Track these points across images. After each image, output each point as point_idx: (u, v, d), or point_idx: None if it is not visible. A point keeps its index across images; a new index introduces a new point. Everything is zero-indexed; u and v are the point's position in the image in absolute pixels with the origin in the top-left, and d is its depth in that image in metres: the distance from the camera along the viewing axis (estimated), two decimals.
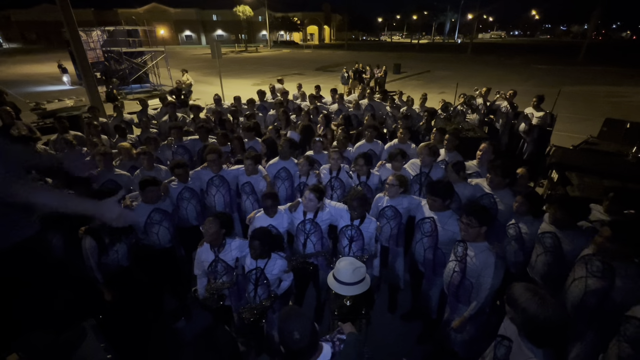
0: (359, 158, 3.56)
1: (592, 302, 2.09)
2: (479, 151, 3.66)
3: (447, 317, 2.61)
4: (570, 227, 2.46)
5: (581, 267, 2.17)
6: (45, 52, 35.98)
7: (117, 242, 2.84)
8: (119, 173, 3.80)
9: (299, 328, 1.43)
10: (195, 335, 3.30)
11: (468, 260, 2.34)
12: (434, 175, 3.63)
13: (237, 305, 2.75)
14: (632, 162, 4.69)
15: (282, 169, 3.83)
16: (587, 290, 2.10)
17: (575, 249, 2.34)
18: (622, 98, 13.63)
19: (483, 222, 2.27)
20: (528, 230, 2.69)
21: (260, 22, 59.01)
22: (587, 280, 2.11)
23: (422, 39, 69.06)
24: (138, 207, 3.14)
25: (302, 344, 1.43)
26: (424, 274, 3.01)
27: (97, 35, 15.80)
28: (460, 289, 2.41)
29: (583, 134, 6.55)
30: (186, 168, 3.52)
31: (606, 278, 2.04)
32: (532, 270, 2.64)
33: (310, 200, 2.86)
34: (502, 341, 1.75)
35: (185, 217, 3.55)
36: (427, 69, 23.29)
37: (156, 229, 3.17)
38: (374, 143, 4.53)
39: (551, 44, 58.85)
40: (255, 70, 24.28)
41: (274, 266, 2.57)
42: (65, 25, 7.73)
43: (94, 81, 8.68)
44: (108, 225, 2.62)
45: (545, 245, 2.51)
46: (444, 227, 2.74)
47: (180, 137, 4.68)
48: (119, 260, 2.87)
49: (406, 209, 3.09)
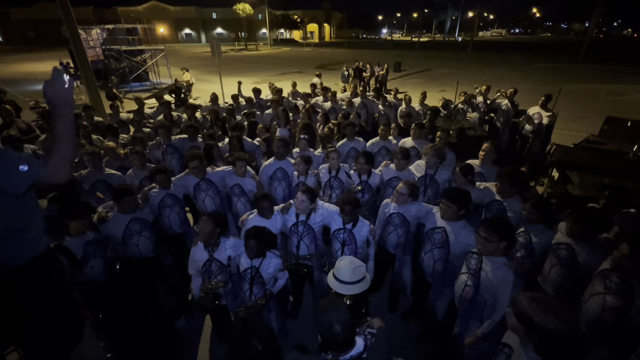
0: (360, 157, 3.52)
1: (609, 320, 1.99)
2: (482, 151, 3.55)
3: (458, 332, 2.47)
4: (588, 239, 2.33)
5: (599, 283, 2.06)
6: (45, 50, 35.90)
7: (91, 258, 2.59)
8: (109, 173, 3.70)
9: (340, 320, 1.45)
10: (194, 334, 3.32)
11: (483, 275, 2.19)
12: (439, 177, 3.55)
13: (233, 304, 2.74)
14: (633, 160, 4.68)
15: (278, 169, 3.78)
16: (605, 307, 2.00)
17: (592, 262, 2.24)
18: (623, 96, 13.58)
19: (503, 237, 2.11)
20: (539, 239, 2.58)
21: (260, 20, 58.81)
22: (606, 297, 2.01)
23: (422, 37, 68.86)
24: (114, 218, 2.93)
25: (342, 337, 1.46)
26: (431, 285, 2.87)
27: (96, 33, 15.77)
28: (472, 305, 2.27)
29: (584, 132, 6.53)
30: (168, 174, 3.35)
31: (625, 296, 1.93)
32: (545, 282, 2.52)
33: (302, 201, 2.83)
34: (503, 349, 1.70)
35: (169, 225, 3.38)
36: (427, 67, 23.23)
37: (136, 240, 2.97)
38: (356, 141, 4.50)
39: (552, 41, 58.62)
40: (255, 68, 24.21)
41: (269, 265, 2.57)
42: (64, 24, 7.70)
43: (94, 80, 8.65)
44: None
45: (560, 257, 2.39)
46: (457, 239, 2.58)
47: (169, 136, 4.59)
48: (94, 276, 2.62)
49: (415, 217, 2.95)
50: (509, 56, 30.32)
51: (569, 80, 16.40)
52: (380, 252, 3.15)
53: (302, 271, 3.02)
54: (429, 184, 3.56)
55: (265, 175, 3.83)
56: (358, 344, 1.56)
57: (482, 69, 21.92)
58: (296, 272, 3.05)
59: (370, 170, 3.60)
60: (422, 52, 36.79)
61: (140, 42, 18.27)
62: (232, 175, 3.63)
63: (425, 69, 22.70)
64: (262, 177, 3.83)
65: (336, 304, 1.55)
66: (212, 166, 3.80)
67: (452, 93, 8.72)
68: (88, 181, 3.55)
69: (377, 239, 3.10)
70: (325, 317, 1.48)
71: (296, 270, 2.99)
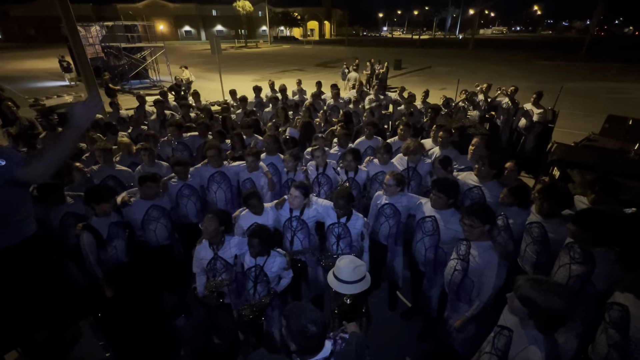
0: (347, 154, 3.56)
1: (576, 287, 2.18)
2: (472, 146, 3.70)
3: (447, 315, 2.60)
4: (556, 216, 2.52)
5: (565, 254, 2.27)
6: (44, 47, 35.80)
7: (114, 238, 2.83)
8: (119, 169, 3.78)
9: (314, 321, 1.44)
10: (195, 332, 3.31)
11: (471, 259, 2.31)
12: (420, 169, 3.70)
13: (237, 302, 2.73)
14: (634, 159, 4.66)
15: (269, 164, 3.84)
16: (571, 275, 2.20)
17: (560, 237, 2.41)
18: (625, 94, 13.54)
19: (486, 221, 2.25)
20: (515, 220, 2.77)
21: (260, 18, 58.62)
22: (571, 266, 2.20)
23: (423, 34, 68.66)
24: (136, 203, 3.13)
25: (318, 338, 1.45)
26: (424, 274, 2.98)
27: (95, 30, 15.71)
28: (461, 288, 2.40)
29: (585, 131, 6.50)
30: (186, 166, 3.50)
31: (587, 263, 2.13)
32: (522, 260, 2.71)
33: (296, 197, 2.84)
34: (502, 331, 1.75)
35: (185, 214, 3.55)
36: (428, 65, 23.16)
37: (154, 226, 3.16)
38: (374, 139, 4.52)
39: (553, 39, 58.45)
40: (255, 66, 24.15)
41: (274, 263, 2.56)
42: (63, 21, 7.65)
43: (93, 77, 8.60)
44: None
45: (533, 235, 2.58)
46: (447, 226, 2.72)
47: (180, 134, 4.65)
48: (117, 256, 2.88)
49: (405, 207, 3.06)
50: (510, 54, 30.24)
51: (570, 79, 16.36)
52: (372, 243, 3.19)
53: (296, 267, 3.02)
54: (412, 175, 3.70)
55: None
56: (325, 348, 1.54)
57: (483, 67, 21.86)
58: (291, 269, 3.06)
59: (357, 167, 3.64)
60: (422, 49, 36.68)
61: (140, 39, 18.17)
62: (245, 170, 3.69)
63: (426, 66, 22.63)
64: None
65: (308, 307, 1.53)
66: (230, 160, 3.87)
67: (453, 91, 8.68)
68: (99, 176, 3.61)
69: (369, 231, 3.13)
70: (297, 321, 1.44)
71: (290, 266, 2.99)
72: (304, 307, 1.52)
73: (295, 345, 1.47)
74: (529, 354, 1.54)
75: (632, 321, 1.76)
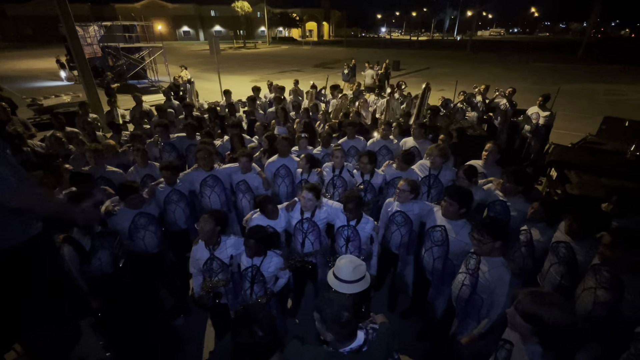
0: (363, 156, 3.52)
1: (601, 314, 2.01)
2: (485, 151, 3.54)
3: (456, 331, 2.48)
4: (586, 238, 2.32)
5: (590, 277, 2.09)
6: (42, 47, 35.64)
7: (98, 250, 2.65)
8: (111, 170, 3.71)
9: (346, 307, 1.49)
10: (194, 332, 3.31)
11: (480, 274, 2.20)
12: (442, 177, 3.56)
13: (234, 303, 2.74)
14: (630, 160, 4.70)
15: (281, 166, 3.81)
16: (596, 301, 2.02)
17: (589, 260, 2.23)
18: (621, 96, 13.64)
19: (497, 237, 2.12)
20: (541, 237, 2.59)
21: (258, 18, 58.57)
22: (597, 291, 2.03)
23: (421, 36, 68.82)
24: (121, 212, 2.95)
25: (352, 324, 1.50)
26: (431, 282, 2.88)
27: (94, 30, 15.64)
28: (469, 304, 2.29)
29: (582, 132, 6.55)
30: (174, 170, 3.35)
31: (615, 290, 1.95)
32: (543, 280, 2.51)
33: (309, 199, 2.84)
34: (505, 345, 1.72)
35: (174, 221, 3.40)
36: (426, 66, 23.22)
37: (142, 234, 2.99)
38: (356, 139, 4.51)
39: (550, 41, 58.72)
40: (253, 66, 24.13)
41: (270, 264, 2.57)
42: (61, 20, 7.64)
43: (91, 77, 8.59)
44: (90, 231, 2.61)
45: (559, 256, 2.39)
46: (457, 237, 2.60)
47: (167, 135, 4.57)
48: (102, 268, 2.68)
49: (417, 215, 2.96)
50: (507, 56, 30.35)
51: (567, 80, 16.43)
52: (383, 251, 3.16)
53: (306, 269, 3.02)
54: (433, 184, 3.56)
55: (268, 172, 3.86)
56: (359, 337, 1.58)
57: (481, 68, 21.94)
58: (300, 270, 3.05)
59: (374, 170, 3.59)
60: (421, 51, 36.77)
61: (138, 39, 18.13)
62: (238, 172, 3.65)
63: (424, 67, 22.69)
64: (266, 174, 3.86)
65: (337, 295, 1.59)
66: (219, 163, 3.82)
67: (451, 92, 8.72)
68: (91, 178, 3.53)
69: (380, 239, 3.09)
70: (330, 310, 1.50)
71: (301, 268, 2.99)
72: (334, 296, 1.57)
73: (331, 334, 1.52)
74: None
75: None
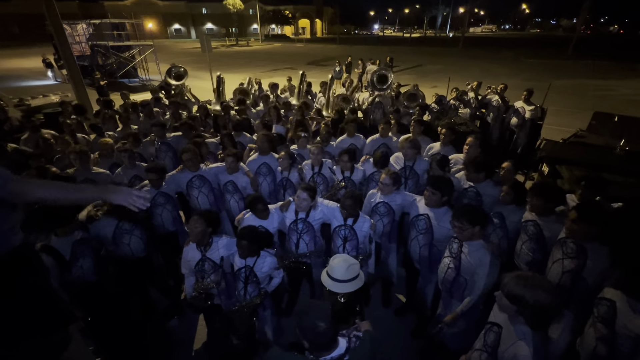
0: (343, 154, 3.54)
1: (569, 282, 2.20)
2: (466, 145, 3.69)
3: (440, 312, 2.62)
4: (549, 213, 2.54)
5: (558, 250, 2.29)
6: (29, 46, 34.94)
7: (79, 257, 2.52)
8: (96, 171, 3.63)
9: (323, 318, 1.47)
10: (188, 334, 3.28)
11: (462, 257, 2.33)
12: (417, 168, 3.67)
13: (228, 303, 2.71)
14: (619, 154, 4.77)
15: (262, 164, 3.78)
16: (564, 271, 2.22)
17: (554, 234, 2.43)
18: (611, 91, 13.83)
19: (475, 222, 2.24)
20: (511, 218, 2.78)
21: (251, 16, 58.05)
22: (564, 261, 2.23)
23: (414, 32, 68.97)
24: (104, 217, 2.84)
25: (328, 334, 1.48)
26: (419, 272, 2.99)
27: (82, 28, 15.39)
28: (454, 286, 2.42)
29: (573, 128, 6.62)
30: (160, 173, 3.28)
31: (580, 258, 2.15)
32: (518, 258, 2.72)
33: (303, 199, 2.81)
34: (492, 327, 1.78)
35: (161, 224, 3.36)
36: (419, 63, 23.26)
37: (127, 239, 2.91)
38: (356, 137, 4.51)
39: (541, 37, 59.30)
40: (246, 64, 23.93)
41: (264, 264, 2.55)
42: (48, 19, 7.48)
43: (80, 76, 8.43)
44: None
45: (528, 233, 2.60)
46: (440, 224, 2.73)
47: (163, 134, 4.52)
48: (84, 276, 2.54)
49: (399, 206, 3.07)
50: (499, 52, 30.57)
51: (558, 76, 16.61)
52: None
53: (300, 269, 3.00)
54: (409, 175, 3.68)
55: (250, 170, 3.80)
56: (340, 345, 1.56)
57: (473, 65, 22.05)
58: (295, 271, 3.03)
59: (353, 166, 3.63)
60: (414, 47, 36.84)
61: (128, 37, 17.87)
62: (225, 172, 3.60)
63: (417, 64, 22.73)
64: None
65: (315, 304, 1.58)
66: (206, 162, 3.76)
67: (444, 89, 8.74)
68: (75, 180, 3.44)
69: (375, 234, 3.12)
70: (307, 319, 1.49)
71: (295, 268, 2.97)
72: (312, 305, 1.56)
73: (307, 343, 1.51)
74: (517, 350, 1.56)
75: (619, 316, 1.80)
